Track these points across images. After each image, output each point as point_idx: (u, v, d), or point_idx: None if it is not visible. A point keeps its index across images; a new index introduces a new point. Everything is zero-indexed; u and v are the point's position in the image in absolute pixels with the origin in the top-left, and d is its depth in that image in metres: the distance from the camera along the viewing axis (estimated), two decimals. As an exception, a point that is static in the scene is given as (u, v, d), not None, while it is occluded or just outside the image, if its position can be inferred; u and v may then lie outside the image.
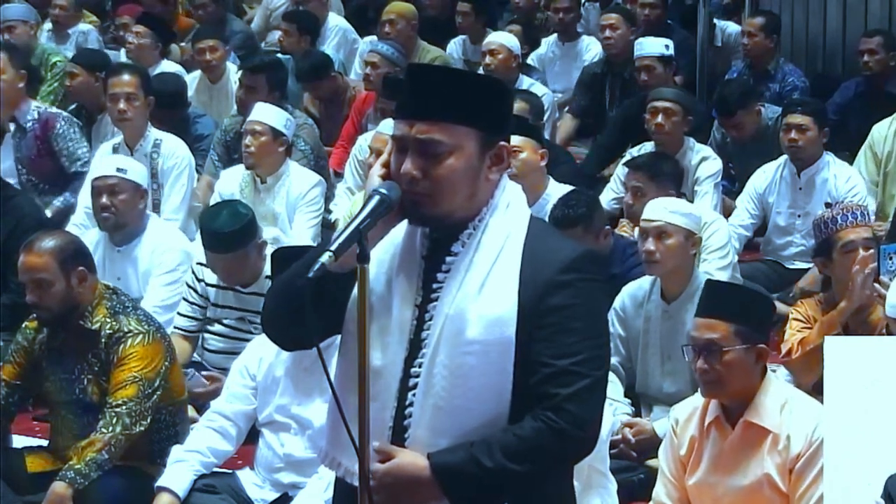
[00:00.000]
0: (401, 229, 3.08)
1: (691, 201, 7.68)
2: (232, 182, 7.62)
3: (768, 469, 4.64)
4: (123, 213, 6.67)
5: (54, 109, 8.56)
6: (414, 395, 3.01)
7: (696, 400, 4.87)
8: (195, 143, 8.55)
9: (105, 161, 6.96)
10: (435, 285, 3.03)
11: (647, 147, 7.95)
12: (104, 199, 6.64)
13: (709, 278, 5.71)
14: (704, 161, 7.85)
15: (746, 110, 8.33)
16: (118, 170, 6.67)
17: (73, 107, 9.18)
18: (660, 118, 7.79)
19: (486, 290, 2.99)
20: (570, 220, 6.22)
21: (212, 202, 7.47)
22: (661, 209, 5.96)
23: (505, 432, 2.96)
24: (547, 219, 6.23)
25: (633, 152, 7.97)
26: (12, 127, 8.05)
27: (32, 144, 8.08)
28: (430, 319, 3.01)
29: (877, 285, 5.54)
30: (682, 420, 4.85)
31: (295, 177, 7.55)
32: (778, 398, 4.70)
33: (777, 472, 4.64)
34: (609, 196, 7.83)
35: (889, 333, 5.18)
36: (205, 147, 8.64)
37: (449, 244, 3.04)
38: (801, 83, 9.39)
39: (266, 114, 7.53)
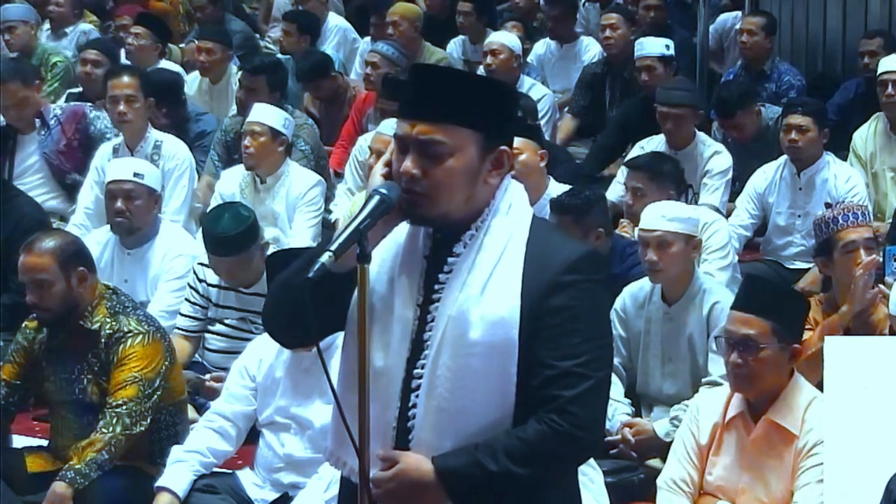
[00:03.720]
0: (403, 229, 3.08)
1: (698, 194, 7.71)
2: (232, 182, 7.62)
3: (788, 469, 4.64)
4: (138, 218, 6.69)
5: (76, 103, 8.61)
6: (417, 396, 3.01)
7: (720, 391, 4.88)
8: (197, 140, 8.57)
9: (121, 165, 6.94)
10: (437, 286, 3.03)
11: (656, 140, 7.96)
12: (119, 204, 6.65)
13: (749, 272, 5.68)
14: (717, 155, 7.88)
15: (746, 111, 8.33)
16: (135, 174, 6.68)
17: (77, 91, 9.28)
18: (669, 124, 7.82)
19: (488, 291, 2.99)
20: (563, 207, 6.25)
21: (212, 202, 7.47)
22: (659, 218, 5.92)
23: (508, 435, 2.96)
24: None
25: (643, 144, 7.99)
26: (38, 123, 8.10)
27: (59, 138, 8.13)
28: (433, 320, 3.01)
29: (881, 286, 5.54)
30: (704, 407, 4.85)
31: (295, 177, 7.55)
32: (803, 399, 4.71)
33: (793, 472, 4.65)
34: (615, 194, 7.82)
35: (892, 333, 5.19)
36: (206, 144, 8.65)
37: (451, 244, 3.04)
38: (798, 82, 9.39)
39: (265, 114, 7.53)
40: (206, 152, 8.57)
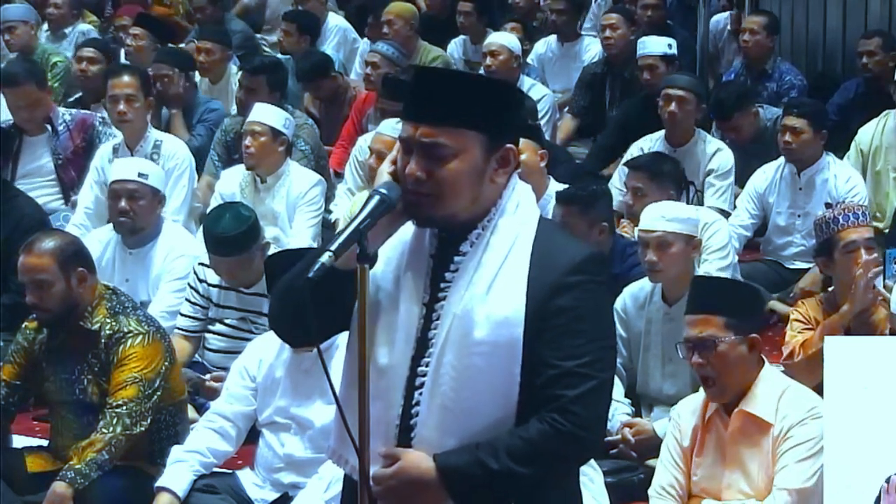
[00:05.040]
0: (410, 228, 3.09)
1: (702, 192, 7.71)
2: (232, 182, 7.62)
3: (767, 458, 4.67)
4: (141, 218, 6.69)
5: (86, 111, 8.63)
6: (421, 394, 3.01)
7: (698, 396, 4.91)
8: (204, 115, 8.66)
9: (125, 165, 6.93)
10: (443, 284, 3.04)
11: (654, 138, 7.97)
12: (123, 204, 6.65)
13: (695, 275, 5.71)
14: (719, 153, 7.90)
15: (743, 113, 8.33)
16: (140, 175, 6.67)
17: (75, 97, 9.30)
18: (672, 106, 7.84)
19: (494, 290, 2.99)
20: (570, 197, 6.25)
21: (212, 202, 7.47)
22: (659, 219, 5.92)
23: (511, 434, 2.96)
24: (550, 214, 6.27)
25: (641, 144, 8.00)
26: (49, 128, 8.12)
27: (68, 144, 8.15)
28: (438, 319, 3.02)
29: (880, 288, 5.54)
30: (684, 412, 4.91)
31: (295, 176, 7.55)
32: (775, 388, 4.76)
33: (772, 459, 4.67)
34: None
35: (892, 333, 5.20)
36: (212, 119, 8.69)
37: (457, 243, 3.04)
38: (799, 82, 9.39)
39: (265, 114, 7.53)
40: (207, 126, 8.65)
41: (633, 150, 8.01)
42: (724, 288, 5.01)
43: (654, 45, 8.93)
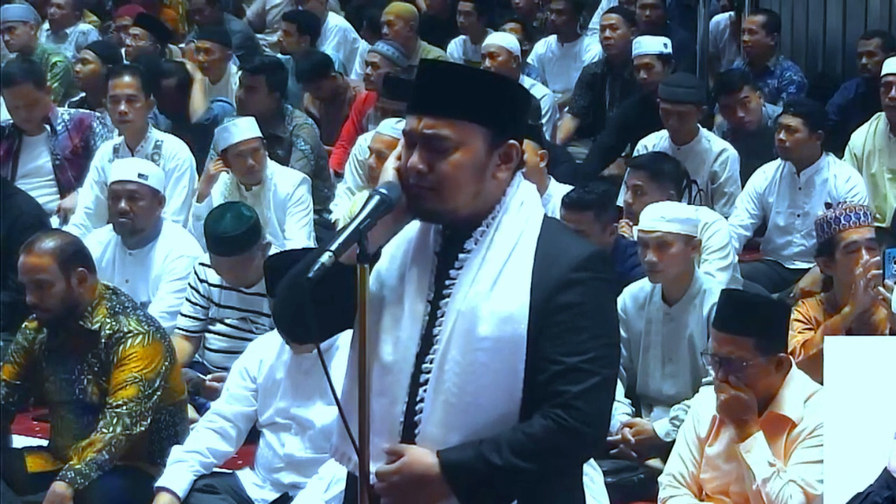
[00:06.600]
0: (415, 225, 3.10)
1: (705, 192, 7.71)
2: (216, 194, 7.58)
3: (780, 454, 4.66)
4: (141, 219, 6.69)
5: (84, 111, 8.63)
6: (425, 390, 3.02)
7: None
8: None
9: (125, 165, 6.93)
10: (447, 281, 3.04)
11: (658, 135, 7.99)
12: (123, 204, 6.65)
13: (725, 289, 5.65)
14: (724, 154, 7.90)
15: (751, 86, 8.33)
16: (140, 175, 6.68)
17: (78, 97, 9.29)
18: (672, 120, 7.85)
19: (498, 287, 3.00)
20: (585, 203, 6.25)
21: (203, 211, 7.44)
22: (658, 219, 5.91)
23: (514, 430, 2.97)
24: (557, 211, 6.25)
25: (646, 142, 8.00)
26: (48, 128, 8.13)
27: (67, 144, 8.16)
28: (442, 316, 3.03)
29: (880, 288, 5.53)
30: (704, 402, 4.89)
31: (279, 178, 7.51)
32: (802, 391, 4.74)
33: (784, 454, 4.67)
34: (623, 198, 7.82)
35: (892, 333, 5.19)
36: (225, 103, 8.68)
37: (462, 241, 3.05)
38: (799, 78, 9.39)
39: (250, 128, 7.43)
40: (224, 105, 8.69)
41: (640, 148, 8.03)
42: (756, 308, 4.88)
43: (650, 45, 8.94)
